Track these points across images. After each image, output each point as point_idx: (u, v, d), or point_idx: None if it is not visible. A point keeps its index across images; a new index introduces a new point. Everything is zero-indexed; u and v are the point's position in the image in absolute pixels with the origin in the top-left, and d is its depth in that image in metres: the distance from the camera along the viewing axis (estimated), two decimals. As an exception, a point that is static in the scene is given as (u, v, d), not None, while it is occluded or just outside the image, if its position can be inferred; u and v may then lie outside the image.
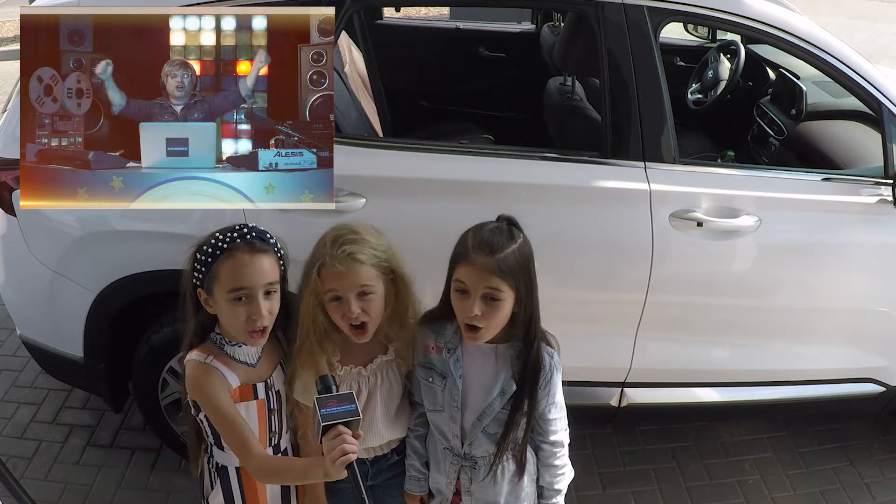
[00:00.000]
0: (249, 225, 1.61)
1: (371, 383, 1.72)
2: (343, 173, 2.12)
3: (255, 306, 1.55)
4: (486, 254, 1.52)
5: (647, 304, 2.26)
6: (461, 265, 1.56)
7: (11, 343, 3.19)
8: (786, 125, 2.99)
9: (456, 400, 1.66)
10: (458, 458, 1.73)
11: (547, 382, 1.64)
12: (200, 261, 1.57)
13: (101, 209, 2.17)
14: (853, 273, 2.33)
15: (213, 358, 1.60)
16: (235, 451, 1.60)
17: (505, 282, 1.52)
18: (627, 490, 2.60)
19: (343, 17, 2.15)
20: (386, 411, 1.74)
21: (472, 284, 1.54)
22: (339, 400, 1.37)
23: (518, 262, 1.55)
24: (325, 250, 1.60)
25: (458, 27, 4.15)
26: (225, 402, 1.57)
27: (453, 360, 1.66)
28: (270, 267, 1.58)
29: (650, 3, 2.18)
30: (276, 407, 1.68)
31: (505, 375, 1.64)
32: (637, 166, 2.19)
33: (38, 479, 2.54)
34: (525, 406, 1.64)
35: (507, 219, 1.61)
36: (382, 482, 1.84)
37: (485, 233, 1.57)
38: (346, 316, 1.61)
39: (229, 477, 1.70)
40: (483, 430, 1.67)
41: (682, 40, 3.98)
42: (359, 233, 1.63)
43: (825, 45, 2.25)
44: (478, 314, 1.53)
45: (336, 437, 1.33)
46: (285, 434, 1.73)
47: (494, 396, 1.64)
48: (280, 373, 1.70)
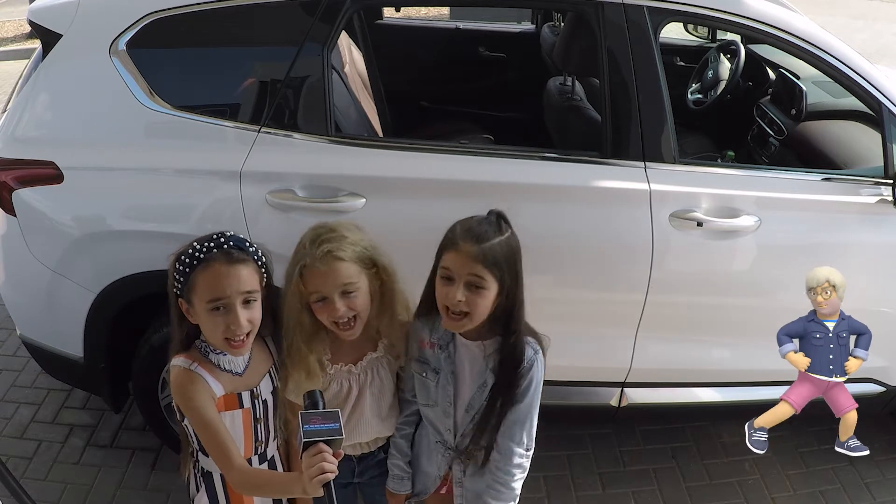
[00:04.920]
0: (228, 233, 1.60)
1: (361, 381, 1.72)
2: (343, 173, 2.15)
3: (232, 316, 1.54)
4: (472, 242, 1.55)
5: (647, 304, 2.25)
6: (448, 252, 1.58)
7: (11, 343, 3.19)
8: (786, 125, 2.99)
9: (449, 395, 1.68)
10: (451, 452, 1.74)
11: (525, 372, 1.63)
12: (179, 270, 1.56)
13: (100, 209, 2.19)
14: (853, 273, 2.31)
15: (198, 365, 1.59)
16: (216, 461, 1.59)
17: (489, 271, 1.55)
18: (627, 490, 2.60)
19: (343, 17, 2.15)
20: (377, 408, 1.75)
21: (456, 271, 1.56)
22: (324, 417, 1.36)
23: (504, 253, 1.57)
24: (304, 251, 1.61)
25: (458, 27, 4.15)
26: (208, 412, 1.56)
27: (445, 356, 1.68)
28: (249, 276, 1.57)
29: (650, 3, 2.17)
30: (262, 416, 1.67)
31: (485, 368, 1.66)
32: (637, 166, 2.19)
33: (38, 479, 2.54)
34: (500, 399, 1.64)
35: (496, 213, 1.63)
36: (368, 479, 1.85)
37: (473, 223, 1.60)
38: (332, 315, 1.61)
39: (214, 482, 1.70)
40: (471, 423, 1.68)
41: (682, 40, 3.98)
42: (336, 230, 1.64)
43: (825, 45, 2.25)
44: (461, 300, 1.55)
45: (316, 455, 1.33)
46: (272, 442, 1.72)
47: (476, 389, 1.66)
48: (268, 381, 1.69)
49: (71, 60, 2.18)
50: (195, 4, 2.13)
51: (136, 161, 2.16)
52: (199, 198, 2.17)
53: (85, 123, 2.20)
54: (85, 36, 2.16)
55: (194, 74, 2.25)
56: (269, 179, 2.13)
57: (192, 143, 2.16)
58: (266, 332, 1.71)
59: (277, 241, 1.85)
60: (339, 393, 1.71)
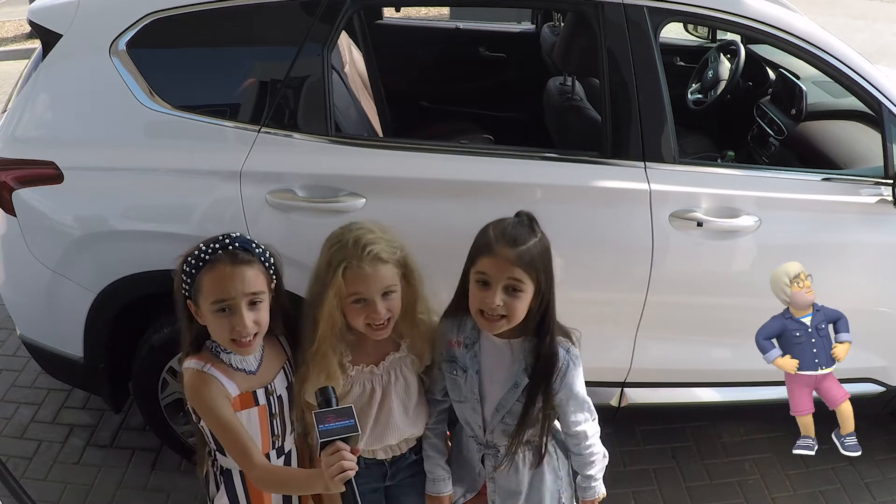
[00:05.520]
0: (234, 234, 1.60)
1: (384, 381, 1.71)
2: (343, 173, 2.15)
3: (238, 317, 1.54)
4: (509, 245, 1.56)
5: (647, 304, 2.25)
6: (483, 257, 1.58)
7: (11, 343, 3.19)
8: (786, 125, 2.99)
9: (475, 393, 1.70)
10: (482, 447, 1.77)
11: (562, 376, 1.66)
12: (186, 272, 1.57)
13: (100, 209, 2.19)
14: (853, 273, 2.32)
15: (211, 366, 1.59)
16: (237, 460, 1.60)
17: (527, 273, 1.56)
18: (627, 490, 2.60)
19: (343, 17, 2.15)
20: (404, 408, 1.74)
21: (494, 275, 1.56)
22: (338, 415, 1.37)
23: (540, 254, 1.58)
24: (347, 252, 1.58)
25: (458, 27, 4.15)
26: (225, 413, 1.56)
27: (470, 356, 1.70)
28: (254, 277, 1.57)
29: (650, 3, 2.17)
30: (278, 411, 1.67)
31: (518, 369, 1.67)
32: (637, 166, 2.18)
33: (38, 479, 2.54)
34: (539, 400, 1.66)
35: (527, 214, 1.64)
36: (400, 482, 1.84)
37: (507, 226, 1.60)
38: (370, 317, 1.60)
39: (233, 480, 1.70)
40: (501, 422, 1.70)
41: (682, 40, 3.98)
42: (375, 231, 1.62)
43: (825, 45, 2.25)
44: (500, 304, 1.56)
45: (334, 454, 1.34)
46: (289, 436, 1.73)
47: (508, 389, 1.67)
48: (283, 377, 1.69)
49: (71, 60, 2.18)
50: (195, 4, 2.13)
51: (136, 161, 2.16)
52: (199, 198, 2.16)
53: (85, 123, 2.19)
54: (85, 36, 2.16)
55: (194, 74, 2.25)
56: (269, 179, 2.13)
57: (192, 143, 2.16)
58: (278, 332, 1.70)
59: (278, 241, 1.84)
60: (362, 395, 1.70)
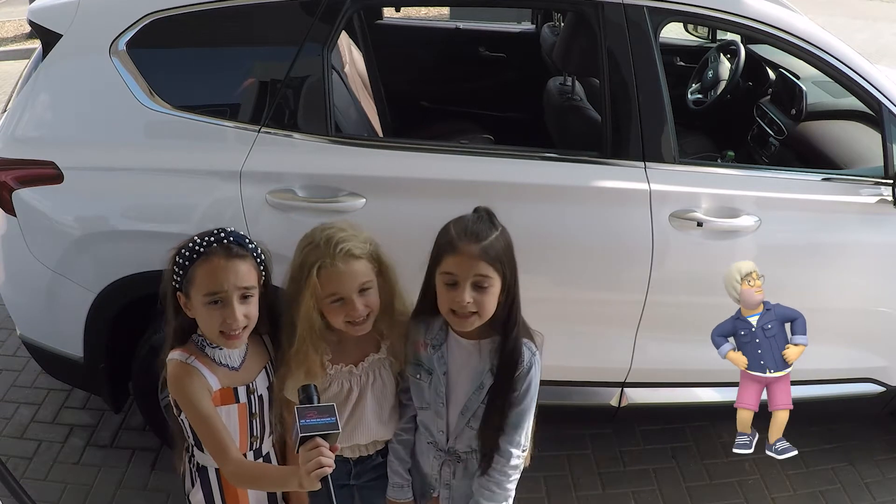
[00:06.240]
0: (228, 229, 1.61)
1: (363, 382, 1.71)
2: (343, 173, 2.15)
3: (229, 310, 1.55)
4: (472, 242, 1.55)
5: (647, 304, 2.25)
6: (448, 256, 1.57)
7: (11, 343, 3.19)
8: (786, 125, 2.99)
9: (441, 396, 1.68)
10: (442, 453, 1.74)
11: (524, 375, 1.63)
12: (178, 264, 1.58)
13: (101, 209, 2.19)
14: (853, 273, 2.33)
15: (195, 358, 1.60)
16: (212, 454, 1.60)
17: (493, 267, 1.55)
18: (627, 490, 2.60)
19: (343, 17, 2.15)
20: (378, 410, 1.74)
21: (461, 273, 1.55)
22: (320, 412, 1.37)
23: (503, 248, 1.57)
24: (320, 251, 1.59)
25: (458, 27, 4.15)
26: (204, 405, 1.57)
27: (437, 357, 1.68)
28: (247, 271, 1.58)
29: (650, 3, 2.17)
30: (258, 411, 1.67)
31: (484, 369, 1.65)
32: (637, 166, 2.18)
33: (38, 479, 2.54)
34: (500, 399, 1.63)
35: (485, 209, 1.63)
36: (364, 483, 1.84)
37: (468, 222, 1.59)
38: (349, 314, 1.60)
39: (209, 477, 1.70)
40: (467, 425, 1.68)
41: (682, 40, 3.98)
42: (345, 229, 1.63)
43: (825, 45, 2.25)
44: (470, 301, 1.55)
45: (313, 449, 1.33)
46: (267, 438, 1.73)
47: (474, 391, 1.66)
48: (264, 377, 1.69)
49: (71, 60, 2.18)
50: (195, 4, 2.13)
51: (137, 161, 2.16)
52: (200, 198, 2.16)
53: (85, 123, 2.20)
54: (85, 36, 2.16)
55: (194, 74, 2.25)
56: (269, 179, 2.13)
57: (192, 143, 2.16)
58: (263, 330, 1.71)
59: (277, 240, 1.84)
60: (339, 393, 1.71)
